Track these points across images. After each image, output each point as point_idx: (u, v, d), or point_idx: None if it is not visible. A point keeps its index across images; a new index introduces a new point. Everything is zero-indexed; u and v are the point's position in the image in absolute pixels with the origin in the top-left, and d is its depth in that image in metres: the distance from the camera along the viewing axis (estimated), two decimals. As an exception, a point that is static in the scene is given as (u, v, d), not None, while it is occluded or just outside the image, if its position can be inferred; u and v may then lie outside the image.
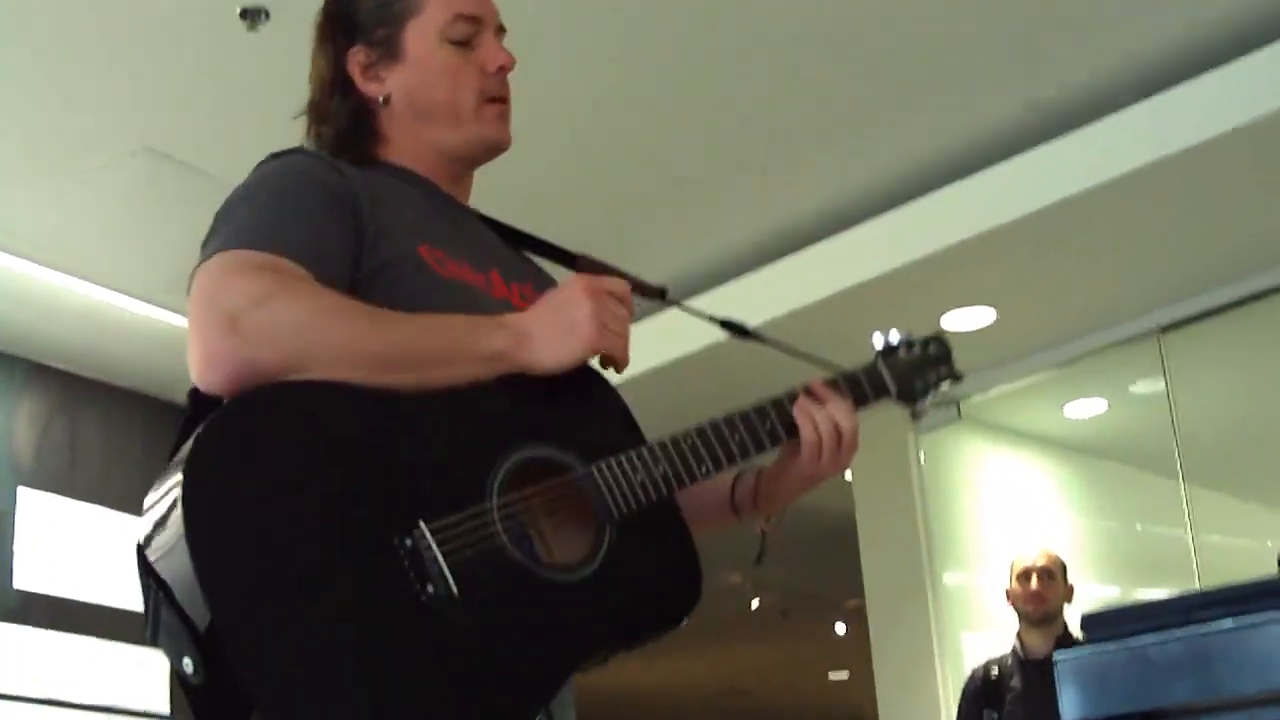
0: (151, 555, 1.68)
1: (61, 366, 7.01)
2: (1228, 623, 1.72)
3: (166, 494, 1.66)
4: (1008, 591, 5.67)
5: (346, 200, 1.96)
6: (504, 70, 2.17)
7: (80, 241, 5.92)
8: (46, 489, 6.81)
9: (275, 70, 4.97)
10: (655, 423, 2.03)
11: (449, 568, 1.70)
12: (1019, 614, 5.62)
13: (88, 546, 6.89)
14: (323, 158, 2.07)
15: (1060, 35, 5.05)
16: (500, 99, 2.18)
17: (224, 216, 1.93)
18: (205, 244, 1.89)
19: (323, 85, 2.19)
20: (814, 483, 2.15)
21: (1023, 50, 5.13)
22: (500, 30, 2.21)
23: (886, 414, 7.17)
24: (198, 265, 1.84)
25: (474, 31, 2.16)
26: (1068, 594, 5.62)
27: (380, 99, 2.15)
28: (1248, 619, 1.70)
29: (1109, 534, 7.51)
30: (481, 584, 1.72)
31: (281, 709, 1.59)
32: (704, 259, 6.38)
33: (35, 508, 6.73)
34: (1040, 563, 5.56)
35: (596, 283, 1.94)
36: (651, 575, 1.91)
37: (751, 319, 6.34)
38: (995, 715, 5.53)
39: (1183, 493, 6.42)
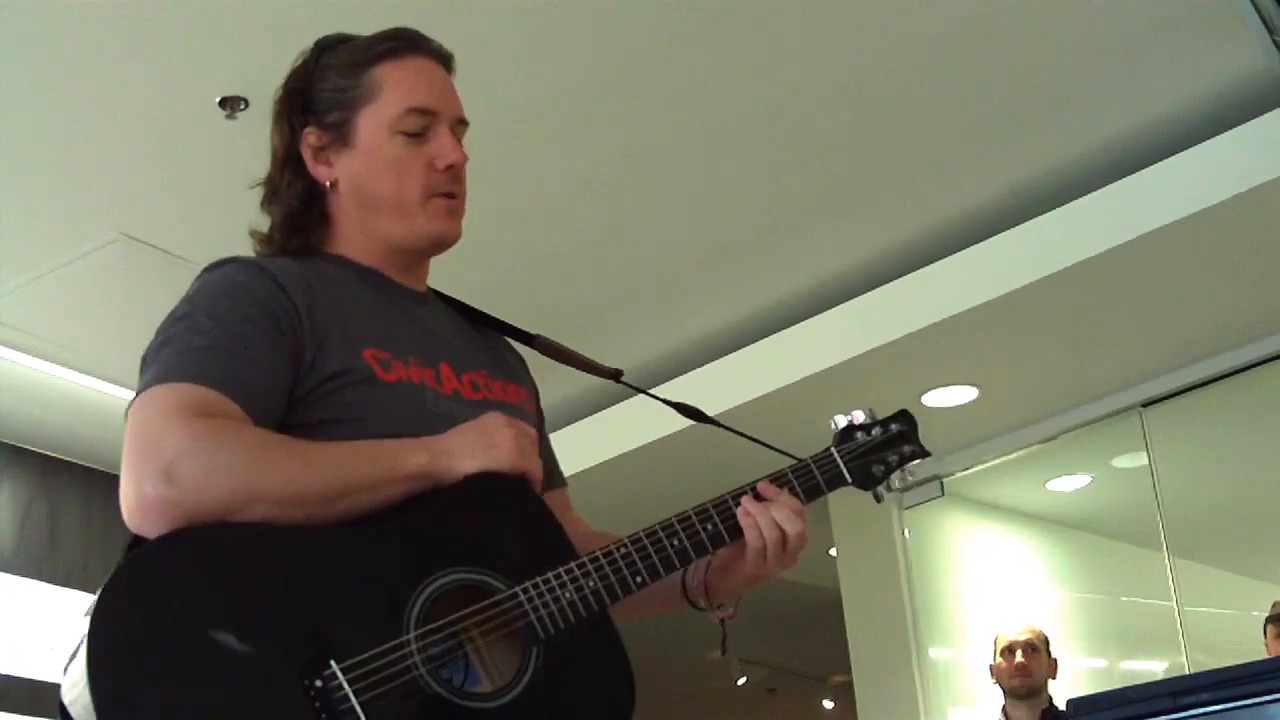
0: (67, 707, 1.64)
1: (41, 450, 6.99)
2: (1216, 708, 1.71)
3: (77, 649, 1.62)
4: (991, 667, 5.65)
5: (287, 320, 1.93)
6: (453, 168, 2.11)
7: (59, 327, 5.91)
8: (26, 574, 6.78)
9: (254, 158, 4.98)
10: (618, 508, 2.04)
11: (360, 706, 1.65)
12: (1003, 689, 5.60)
13: (67, 631, 6.83)
14: (263, 268, 2.00)
15: (1037, 117, 5.09)
16: (448, 194, 2.12)
17: (162, 341, 1.89)
18: (143, 369, 1.87)
19: (276, 161, 2.14)
20: (757, 583, 2.10)
21: (1000, 132, 5.16)
22: (460, 124, 2.17)
23: (869, 492, 7.11)
24: (134, 396, 1.83)
25: (427, 125, 2.11)
26: (1051, 668, 5.60)
27: (328, 183, 2.10)
28: (1233, 704, 1.70)
29: (1094, 607, 7.49)
30: (399, 717, 1.68)
31: None
32: (683, 342, 6.39)
33: (15, 593, 6.70)
34: (1024, 637, 5.55)
35: (514, 419, 1.95)
36: (579, 698, 1.85)
37: (733, 400, 6.41)
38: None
39: (1168, 565, 6.42)
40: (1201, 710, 1.72)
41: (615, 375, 2.33)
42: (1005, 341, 5.96)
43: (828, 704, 12.35)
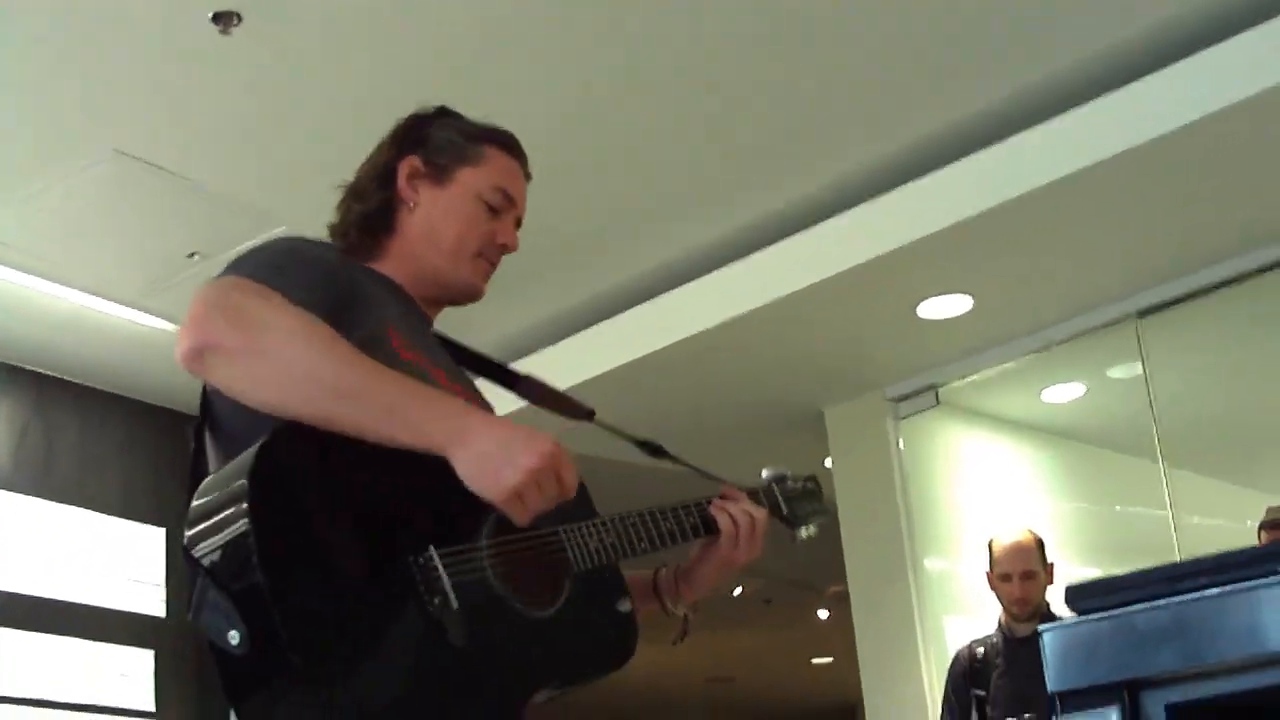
0: (201, 543, 1.92)
1: (37, 369, 7.00)
2: (1213, 591, 1.72)
3: (223, 495, 1.93)
4: (988, 576, 5.66)
5: (338, 278, 2.23)
6: (506, 249, 2.51)
7: (54, 245, 5.90)
8: (24, 491, 6.80)
9: (247, 73, 4.98)
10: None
11: (452, 586, 1.99)
12: (1002, 605, 5.62)
13: (65, 547, 6.88)
14: (318, 241, 2.39)
15: (1032, 24, 5.06)
16: (491, 263, 2.51)
17: (233, 264, 2.18)
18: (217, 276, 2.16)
19: (373, 170, 2.50)
20: (729, 570, 2.49)
21: (995, 40, 5.13)
22: (518, 221, 2.54)
23: (865, 400, 7.19)
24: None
25: (502, 207, 2.49)
26: (1048, 573, 5.61)
27: (410, 204, 2.45)
28: (1232, 586, 1.71)
29: (1088, 517, 7.53)
30: (472, 604, 2.01)
31: (313, 668, 1.85)
32: (681, 254, 6.40)
33: (13, 510, 6.72)
34: (1020, 567, 5.54)
35: (560, 457, 2.04)
36: (598, 626, 2.28)
37: (730, 311, 6.42)
38: (982, 694, 5.54)
39: (1162, 474, 6.43)
40: (1199, 594, 1.72)
41: (589, 415, 2.61)
42: (1000, 251, 5.95)
43: (823, 614, 12.43)
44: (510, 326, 6.46)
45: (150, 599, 7.14)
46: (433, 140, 2.50)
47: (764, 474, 2.71)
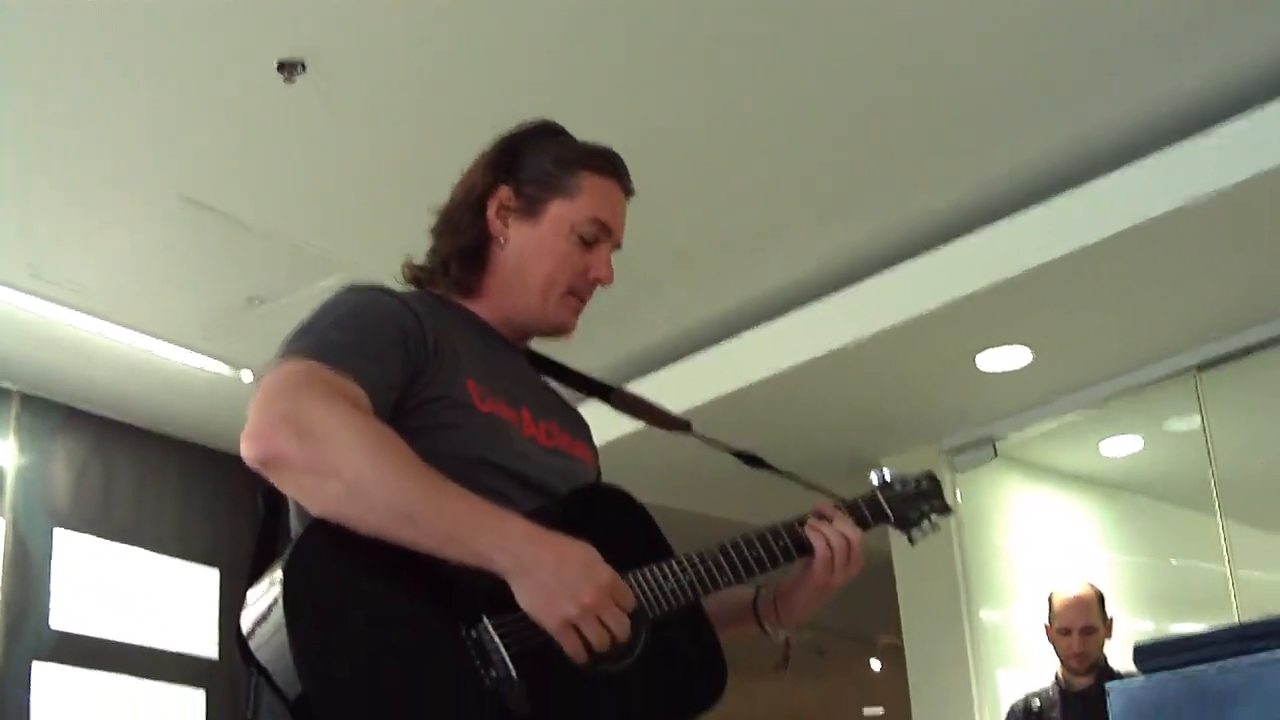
0: (253, 644, 1.89)
1: (97, 411, 7.05)
2: (1282, 653, 1.70)
3: (267, 592, 1.88)
4: (1046, 629, 5.63)
5: (413, 337, 2.18)
6: (600, 282, 2.43)
7: (117, 289, 5.94)
8: (82, 530, 6.84)
9: (310, 121, 5.02)
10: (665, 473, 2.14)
11: (508, 655, 1.94)
12: (1060, 659, 5.58)
13: (122, 587, 6.91)
14: (396, 294, 2.29)
15: (1096, 76, 5.04)
16: (582, 299, 2.44)
17: (307, 328, 2.15)
18: (288, 342, 2.11)
19: (468, 196, 2.42)
20: (826, 594, 2.39)
21: (1059, 91, 5.11)
22: (617, 246, 2.47)
23: (922, 452, 7.14)
24: (278, 358, 2.08)
25: (598, 237, 2.42)
26: (1107, 628, 5.57)
27: (501, 240, 2.39)
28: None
29: (1146, 570, 7.47)
30: (534, 672, 1.95)
31: None
32: (739, 304, 6.40)
33: (71, 549, 6.76)
34: (1080, 622, 5.50)
35: (618, 591, 2.02)
36: (684, 669, 2.18)
37: (789, 361, 6.40)
38: (1036, 746, 5.50)
39: (1220, 528, 6.38)
40: (1269, 656, 1.70)
41: (685, 426, 2.62)
42: (1060, 304, 5.92)
43: (875, 665, 12.34)
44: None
45: (203, 640, 7.16)
46: (525, 169, 2.42)
47: (872, 477, 2.59)
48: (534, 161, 2.42)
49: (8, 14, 4.38)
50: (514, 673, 1.93)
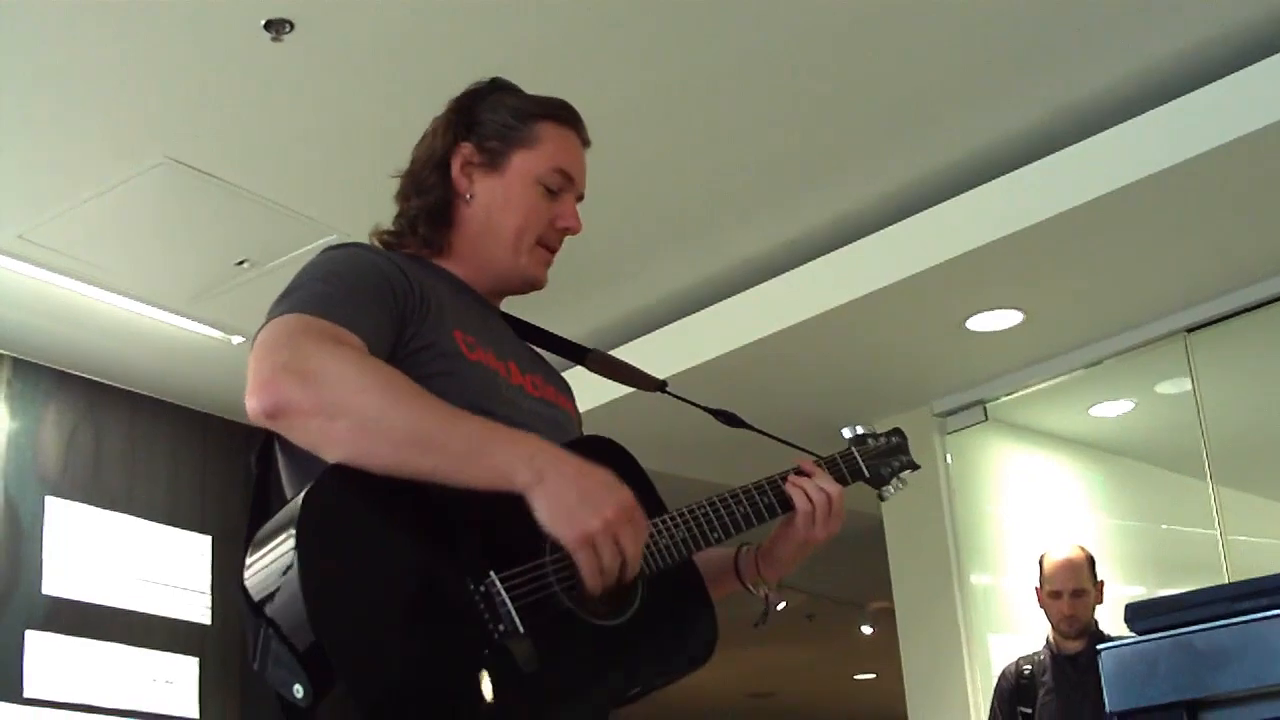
0: (258, 596, 1.91)
1: (86, 375, 7.03)
2: (1276, 611, 1.70)
3: (275, 546, 1.91)
4: (1037, 592, 5.64)
5: (400, 289, 2.21)
6: (569, 231, 2.47)
7: (104, 252, 5.92)
8: (73, 497, 6.83)
9: (298, 81, 5.00)
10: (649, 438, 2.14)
11: (515, 610, 1.96)
12: (1050, 623, 5.60)
13: (113, 553, 6.91)
14: (380, 250, 2.37)
15: (1082, 38, 5.03)
16: (551, 250, 2.48)
17: (295, 286, 2.18)
18: (276, 304, 2.13)
19: (430, 159, 2.45)
20: (807, 549, 2.44)
21: (1045, 54, 5.11)
22: (579, 196, 2.50)
23: (913, 416, 7.16)
24: (268, 318, 2.10)
25: (562, 186, 2.45)
26: (1098, 592, 5.60)
27: (467, 196, 2.42)
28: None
29: (1136, 533, 7.47)
30: (540, 625, 1.98)
31: (379, 717, 1.83)
32: (727, 267, 6.39)
33: (62, 515, 6.75)
34: (1070, 585, 5.52)
35: (637, 513, 2.04)
36: (679, 623, 2.21)
37: (778, 324, 6.40)
38: (1028, 711, 5.52)
39: (1211, 492, 6.39)
40: (1262, 614, 1.70)
41: (661, 386, 2.67)
42: (1051, 266, 5.93)
43: (866, 630, 12.38)
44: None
45: (195, 606, 7.16)
46: (485, 125, 2.45)
47: (844, 433, 2.68)
48: (492, 117, 2.46)
49: (-9, -24, 4.36)
50: (520, 626, 1.95)
